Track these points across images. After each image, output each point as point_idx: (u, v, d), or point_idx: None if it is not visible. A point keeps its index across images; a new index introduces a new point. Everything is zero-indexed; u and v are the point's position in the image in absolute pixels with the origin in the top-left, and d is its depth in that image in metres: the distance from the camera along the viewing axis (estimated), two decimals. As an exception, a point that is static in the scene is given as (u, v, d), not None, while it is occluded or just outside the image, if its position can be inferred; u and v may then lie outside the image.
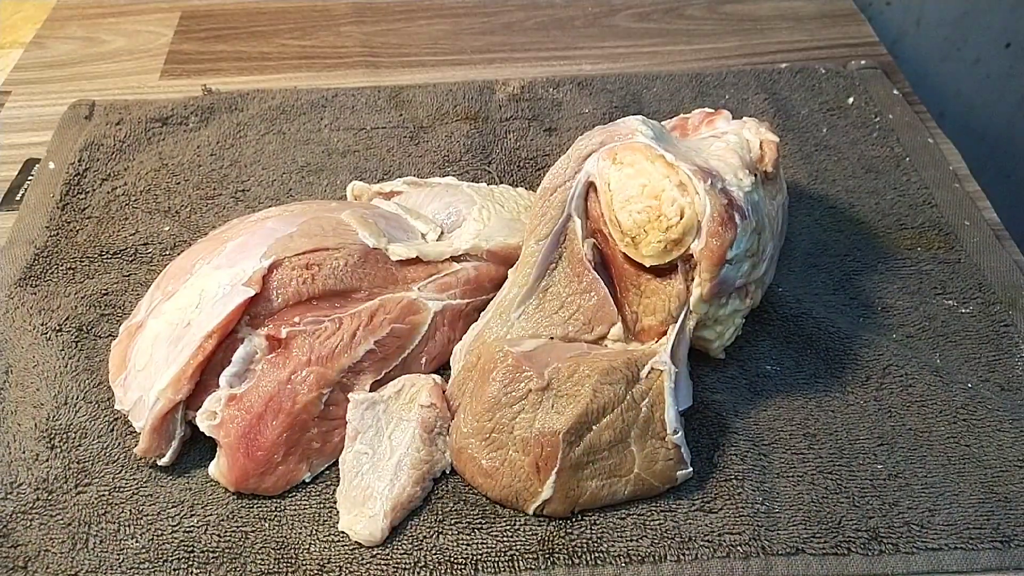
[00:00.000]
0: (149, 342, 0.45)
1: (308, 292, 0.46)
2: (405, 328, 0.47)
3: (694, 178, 0.43)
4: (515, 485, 0.42)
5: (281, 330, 0.45)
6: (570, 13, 0.80)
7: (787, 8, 0.81)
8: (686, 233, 0.43)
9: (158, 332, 0.45)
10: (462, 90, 0.68)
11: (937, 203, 0.60)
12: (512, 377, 0.43)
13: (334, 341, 0.45)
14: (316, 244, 0.47)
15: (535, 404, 0.43)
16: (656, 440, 0.43)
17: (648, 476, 0.43)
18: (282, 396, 0.44)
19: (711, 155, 0.47)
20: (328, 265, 0.46)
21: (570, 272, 0.47)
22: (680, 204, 0.43)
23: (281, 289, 0.45)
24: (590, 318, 0.46)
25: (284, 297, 0.45)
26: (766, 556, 0.42)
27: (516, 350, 0.44)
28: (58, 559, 0.41)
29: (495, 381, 0.44)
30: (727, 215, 0.43)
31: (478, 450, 0.43)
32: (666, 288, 0.45)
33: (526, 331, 0.46)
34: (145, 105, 0.66)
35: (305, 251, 0.46)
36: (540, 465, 0.42)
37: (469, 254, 0.50)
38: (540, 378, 0.43)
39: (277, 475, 0.43)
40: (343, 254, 0.47)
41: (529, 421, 0.43)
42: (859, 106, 0.67)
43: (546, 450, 0.42)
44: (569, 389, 0.43)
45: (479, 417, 0.43)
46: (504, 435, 0.43)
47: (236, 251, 0.46)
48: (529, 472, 0.42)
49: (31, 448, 0.45)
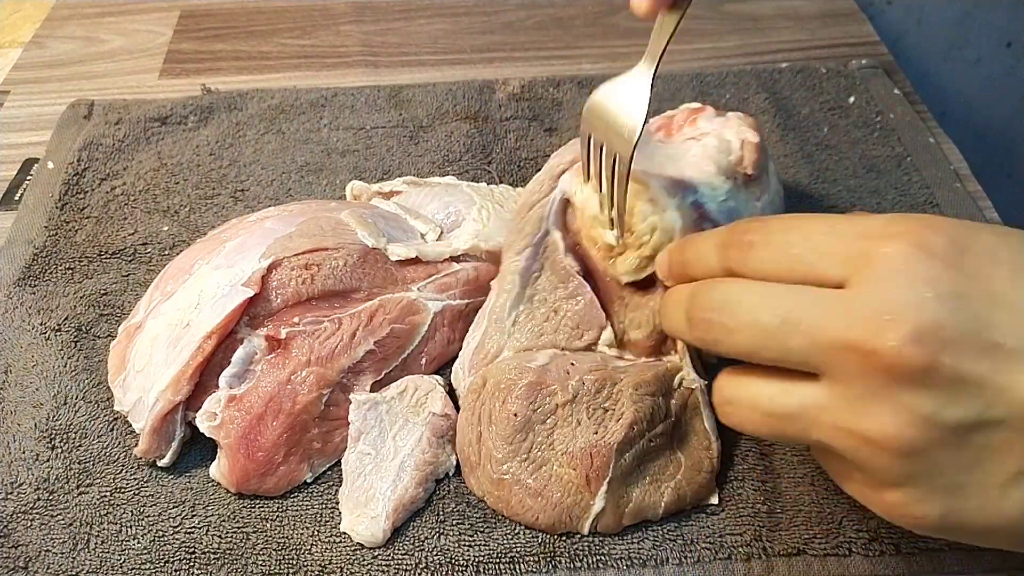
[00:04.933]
0: (148, 343, 0.45)
1: (307, 292, 0.46)
2: (405, 328, 0.47)
3: (664, 194, 0.43)
4: (566, 501, 0.42)
5: (280, 331, 0.45)
6: (570, 12, 0.80)
7: (788, 7, 0.81)
8: (658, 250, 0.43)
9: (157, 333, 0.44)
10: (462, 90, 0.68)
11: (938, 203, 0.60)
12: (536, 393, 0.43)
13: (334, 341, 0.45)
14: (315, 244, 0.47)
15: (567, 417, 0.43)
16: (701, 451, 0.44)
17: (688, 487, 0.43)
18: (282, 396, 0.44)
19: (687, 163, 0.46)
20: (327, 265, 0.46)
21: (554, 279, 0.47)
22: (651, 221, 0.43)
23: (280, 289, 0.45)
24: (578, 323, 0.46)
25: (283, 297, 0.45)
26: (768, 558, 0.42)
27: (533, 365, 0.44)
28: (59, 559, 0.41)
29: (519, 400, 0.43)
30: (698, 229, 0.43)
31: (521, 471, 0.42)
32: (650, 303, 0.45)
33: (521, 341, 0.46)
34: (144, 105, 0.66)
35: (304, 251, 0.46)
36: (591, 476, 0.42)
37: (468, 254, 0.50)
38: (565, 391, 0.43)
39: (278, 476, 0.43)
40: (342, 254, 0.47)
41: (569, 435, 0.42)
42: (860, 105, 0.67)
43: (597, 461, 0.42)
44: (603, 403, 0.43)
45: (510, 439, 0.43)
46: (545, 451, 0.43)
47: (235, 251, 0.46)
48: (579, 485, 0.42)
49: (31, 448, 0.45)
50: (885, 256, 0.29)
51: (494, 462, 0.43)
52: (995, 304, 0.29)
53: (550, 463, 0.42)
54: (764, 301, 0.32)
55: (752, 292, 0.32)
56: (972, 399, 0.29)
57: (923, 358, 0.28)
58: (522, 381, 0.43)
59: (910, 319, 0.29)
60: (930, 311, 0.29)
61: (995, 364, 0.28)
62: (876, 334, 0.29)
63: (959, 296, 0.29)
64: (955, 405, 0.29)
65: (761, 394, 0.33)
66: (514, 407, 0.43)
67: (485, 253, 0.50)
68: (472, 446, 0.44)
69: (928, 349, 0.28)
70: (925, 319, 0.28)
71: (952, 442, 0.29)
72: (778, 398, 0.32)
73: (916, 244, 0.29)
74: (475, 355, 0.46)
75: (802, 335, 0.31)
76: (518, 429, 0.43)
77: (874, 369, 0.29)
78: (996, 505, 0.30)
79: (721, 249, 0.34)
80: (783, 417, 0.32)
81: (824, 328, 0.30)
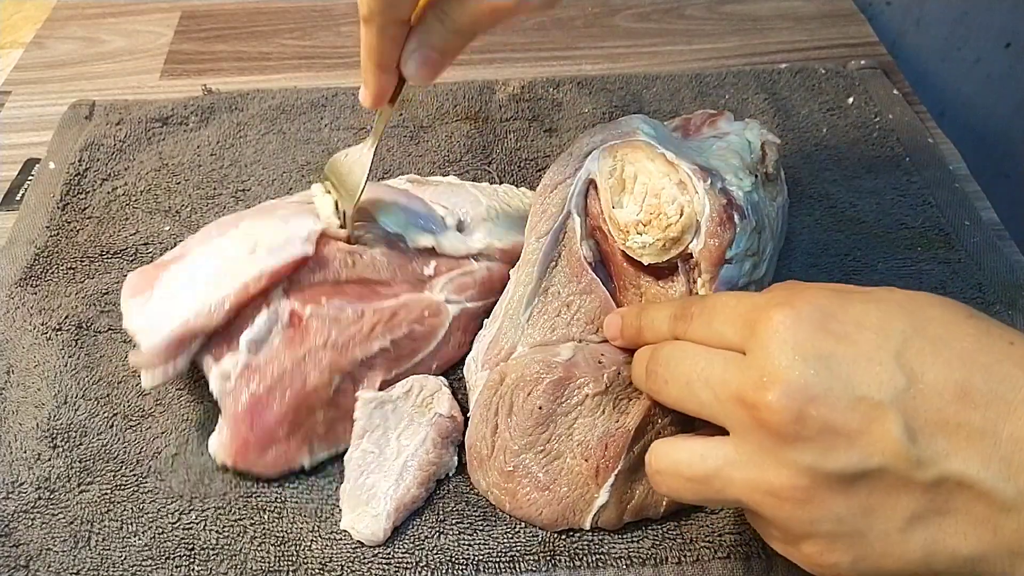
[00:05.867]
0: (187, 272, 0.44)
1: (346, 275, 0.46)
2: (423, 330, 0.47)
3: (694, 177, 0.43)
4: (572, 495, 0.42)
5: (305, 308, 0.45)
6: (570, 13, 0.80)
7: (787, 8, 0.81)
8: (684, 231, 0.43)
9: (201, 265, 0.44)
10: (462, 90, 0.68)
11: (937, 203, 0.60)
12: (564, 388, 0.43)
13: (352, 331, 0.45)
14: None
15: (593, 409, 0.43)
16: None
17: None
18: (295, 374, 0.44)
19: (712, 155, 0.47)
20: (370, 254, 0.47)
21: (568, 272, 0.47)
22: (680, 202, 0.43)
23: (323, 264, 0.46)
24: (592, 318, 0.46)
25: (323, 273, 0.45)
26: (767, 557, 0.42)
27: (559, 360, 0.44)
28: (60, 557, 0.41)
29: (546, 394, 0.43)
30: (726, 214, 0.43)
31: (533, 463, 0.43)
32: (668, 293, 0.45)
33: (535, 337, 0.46)
34: (145, 105, 0.66)
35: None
36: (601, 467, 0.42)
37: (483, 254, 0.50)
38: (598, 382, 0.43)
39: (276, 454, 0.43)
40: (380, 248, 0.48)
41: (590, 425, 0.43)
42: (859, 106, 0.67)
43: (611, 450, 0.42)
44: (632, 392, 0.43)
45: (529, 431, 0.43)
46: (561, 444, 0.43)
47: (288, 215, 0.47)
48: (587, 477, 0.42)
49: (32, 447, 0.45)
50: (765, 325, 0.34)
51: (508, 453, 0.43)
52: (861, 363, 0.32)
53: (563, 456, 0.43)
54: (691, 360, 0.37)
55: (686, 353, 0.37)
56: (847, 450, 0.32)
57: (792, 412, 0.32)
58: (550, 376, 0.44)
59: (781, 378, 0.32)
60: (798, 371, 0.32)
61: (866, 416, 0.31)
62: (756, 391, 0.33)
63: (824, 357, 0.32)
64: (832, 455, 0.32)
65: (681, 460, 0.36)
66: (540, 400, 0.43)
67: (499, 252, 0.50)
68: (485, 439, 0.44)
69: (796, 403, 0.32)
70: (793, 378, 0.32)
71: (840, 490, 0.32)
72: (696, 463, 0.36)
73: (789, 314, 0.33)
74: (490, 350, 0.47)
75: (710, 390, 0.35)
76: (539, 422, 0.43)
77: (760, 423, 0.33)
78: (900, 549, 0.32)
79: (672, 320, 0.40)
80: (702, 480, 0.35)
81: (725, 384, 0.35)
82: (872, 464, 0.31)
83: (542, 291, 0.47)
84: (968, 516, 0.31)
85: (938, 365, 0.32)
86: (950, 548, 0.31)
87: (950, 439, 0.31)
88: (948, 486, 0.31)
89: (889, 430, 0.31)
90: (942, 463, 0.31)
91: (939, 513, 0.31)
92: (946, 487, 0.31)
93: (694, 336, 0.38)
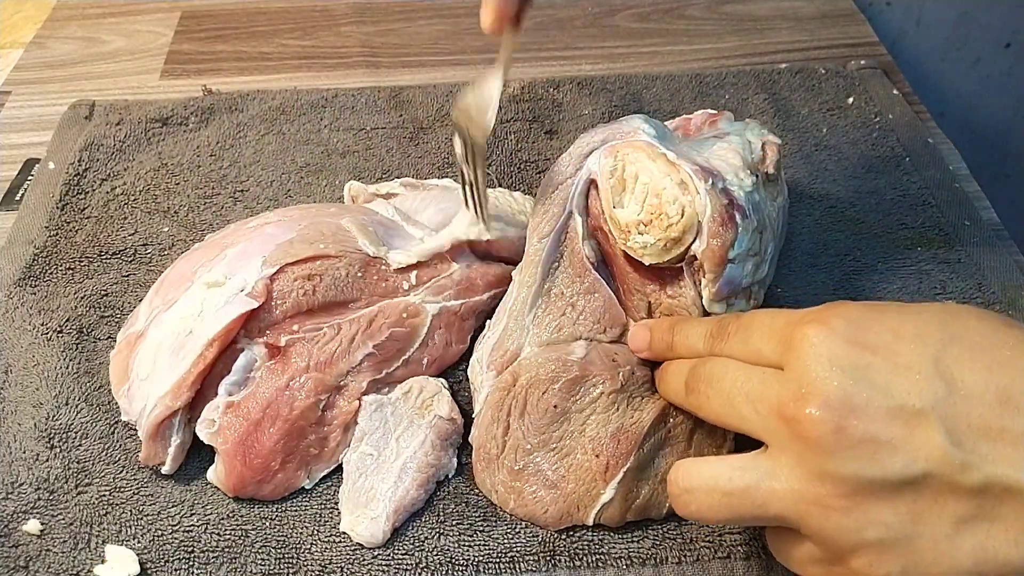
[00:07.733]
0: (152, 351, 0.45)
1: (308, 304, 0.46)
2: (404, 331, 0.47)
3: (695, 177, 0.43)
4: (578, 491, 0.42)
5: (280, 338, 0.45)
6: (570, 13, 0.80)
7: (787, 8, 0.81)
8: (686, 232, 0.43)
9: (160, 341, 0.45)
10: (462, 90, 0.68)
11: (937, 203, 0.60)
12: (580, 386, 0.44)
13: (333, 346, 0.45)
14: (316, 251, 0.47)
15: (608, 406, 0.43)
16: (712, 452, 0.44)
17: None
18: (280, 403, 0.44)
19: (713, 155, 0.47)
20: (329, 276, 0.46)
21: (571, 273, 0.47)
22: (681, 202, 0.43)
23: (282, 300, 0.45)
24: (598, 318, 0.46)
25: (284, 308, 0.45)
26: (767, 557, 0.42)
27: (573, 358, 0.44)
28: (59, 559, 0.41)
29: (562, 392, 0.44)
30: (727, 215, 0.43)
31: (544, 460, 0.43)
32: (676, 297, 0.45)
33: (541, 337, 0.46)
34: (145, 105, 0.66)
35: (306, 258, 0.46)
36: (611, 463, 0.42)
37: (472, 244, 0.50)
38: (614, 380, 0.43)
39: (275, 483, 0.43)
40: (344, 264, 0.47)
41: (603, 421, 0.43)
42: (859, 106, 0.67)
43: (623, 446, 0.42)
44: (648, 390, 0.43)
45: (543, 430, 0.43)
46: (573, 440, 0.43)
47: (236, 258, 0.46)
48: (596, 473, 0.42)
49: (31, 448, 0.45)
50: (802, 339, 0.34)
51: (520, 452, 0.43)
52: (899, 371, 0.32)
53: (574, 452, 0.43)
54: (731, 376, 0.37)
55: (727, 369, 0.38)
56: (890, 457, 0.32)
57: (832, 424, 0.32)
58: (567, 375, 0.44)
59: (819, 390, 0.33)
60: (836, 382, 0.33)
61: (907, 424, 0.31)
62: (796, 404, 0.33)
63: (861, 367, 0.33)
64: (875, 464, 0.32)
65: (719, 475, 0.36)
66: (555, 399, 0.43)
67: (486, 243, 0.50)
68: (496, 439, 0.44)
69: (836, 415, 0.32)
70: (832, 389, 0.33)
71: (886, 497, 0.32)
72: (736, 477, 0.35)
73: (823, 327, 0.34)
74: (495, 351, 0.46)
75: (750, 404, 0.36)
76: (553, 420, 0.43)
77: (800, 436, 0.33)
78: (950, 556, 0.31)
79: (708, 338, 0.40)
80: (741, 494, 0.35)
81: (764, 399, 0.35)
82: (916, 470, 0.31)
83: (545, 292, 0.47)
84: (1018, 523, 0.30)
85: (977, 371, 0.32)
86: (1001, 555, 0.31)
87: (993, 444, 0.31)
88: (995, 492, 0.30)
89: (931, 436, 0.31)
90: (987, 467, 0.30)
91: (987, 519, 0.31)
92: (993, 493, 0.31)
93: (732, 353, 0.38)
